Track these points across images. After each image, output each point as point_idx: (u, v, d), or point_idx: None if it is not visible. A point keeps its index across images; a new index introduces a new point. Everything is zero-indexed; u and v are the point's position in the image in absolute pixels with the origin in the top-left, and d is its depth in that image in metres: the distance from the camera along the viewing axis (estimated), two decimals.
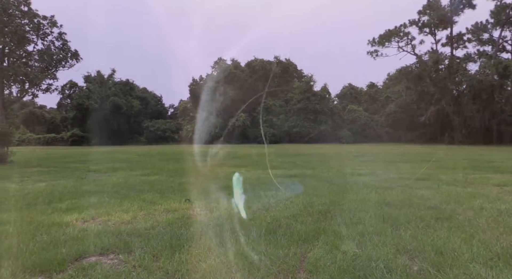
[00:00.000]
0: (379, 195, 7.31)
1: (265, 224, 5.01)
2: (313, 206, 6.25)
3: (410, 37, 57.17)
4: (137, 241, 4.31)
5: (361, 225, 4.91)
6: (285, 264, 3.55)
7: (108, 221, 5.39)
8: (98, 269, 3.44)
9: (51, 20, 21.31)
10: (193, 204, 6.68)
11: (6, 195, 7.97)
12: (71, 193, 8.12)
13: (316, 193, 7.65)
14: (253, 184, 9.22)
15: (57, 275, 3.35)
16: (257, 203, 6.66)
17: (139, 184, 9.74)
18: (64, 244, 4.19)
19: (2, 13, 19.32)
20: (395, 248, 3.96)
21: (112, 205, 6.65)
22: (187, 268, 3.45)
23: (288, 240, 4.26)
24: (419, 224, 4.95)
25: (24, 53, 20.85)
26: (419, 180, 9.78)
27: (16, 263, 3.55)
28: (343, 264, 3.51)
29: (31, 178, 11.66)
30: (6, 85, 20.49)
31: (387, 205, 6.32)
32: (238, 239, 4.29)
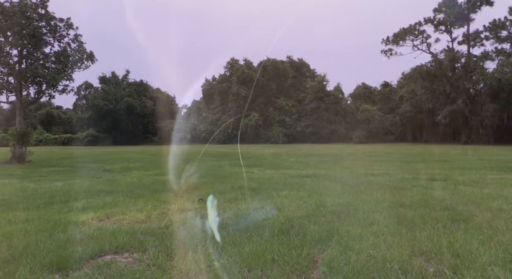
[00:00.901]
0: (393, 196, 7.21)
1: (278, 224, 4.99)
2: (326, 207, 6.20)
3: (425, 36, 56.27)
4: (151, 240, 4.35)
5: (375, 226, 4.85)
6: (298, 264, 3.53)
7: (122, 220, 5.46)
8: (113, 267, 3.49)
9: (67, 22, 21.72)
10: (206, 204, 6.70)
11: (25, 194, 8.15)
12: (86, 193, 8.25)
13: (329, 193, 7.59)
14: (266, 184, 9.21)
15: (73, 273, 3.40)
16: (270, 203, 6.65)
17: (153, 183, 9.84)
18: (80, 243, 4.26)
19: (20, 16, 19.77)
20: (410, 249, 3.90)
21: (126, 204, 6.74)
22: (201, 267, 3.47)
23: (301, 241, 4.23)
24: (435, 225, 4.86)
25: (41, 55, 21.27)
26: (435, 181, 9.62)
27: (34, 261, 3.63)
28: (357, 265, 3.47)
29: (48, 177, 11.90)
30: (24, 86, 20.95)
31: (402, 206, 6.23)
32: (251, 239, 4.29)
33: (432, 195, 7.30)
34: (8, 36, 20.05)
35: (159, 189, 8.61)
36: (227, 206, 6.39)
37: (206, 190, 8.42)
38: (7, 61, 20.25)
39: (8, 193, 8.27)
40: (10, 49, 20.28)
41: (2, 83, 20.43)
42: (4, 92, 20.98)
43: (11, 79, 20.67)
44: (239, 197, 7.33)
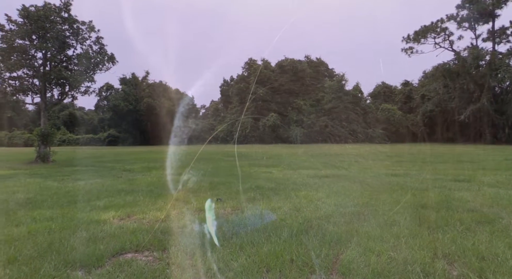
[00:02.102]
0: (414, 197, 7.06)
1: (296, 224, 4.97)
2: (345, 207, 6.13)
3: (447, 33, 54.83)
4: (171, 239, 4.40)
5: (395, 227, 4.76)
6: (317, 265, 3.50)
7: (143, 219, 5.54)
8: (134, 265, 3.54)
9: (89, 25, 22.25)
10: (225, 203, 6.74)
11: (49, 193, 8.38)
12: (108, 192, 8.42)
13: (348, 194, 7.51)
14: (284, 184, 9.19)
15: (95, 271, 3.48)
16: (288, 203, 6.62)
17: (172, 183, 9.95)
18: (102, 241, 4.35)
19: (45, 19, 20.38)
20: (433, 251, 3.81)
21: (146, 203, 6.84)
22: (219, 266, 3.48)
23: (319, 241, 4.20)
24: (459, 227, 4.73)
25: (65, 57, 21.87)
26: (458, 182, 9.37)
27: (58, 258, 3.73)
28: (377, 267, 3.41)
29: (71, 176, 12.21)
30: (48, 88, 21.58)
31: (424, 207, 6.09)
32: (269, 239, 4.28)
33: (455, 197, 7.11)
34: (33, 39, 20.70)
35: (179, 189, 8.70)
36: (245, 206, 6.40)
37: (224, 190, 8.45)
38: (32, 63, 20.91)
39: (34, 192, 8.53)
40: (35, 52, 20.93)
41: (27, 85, 21.10)
42: (29, 94, 21.68)
43: (36, 81, 21.33)
44: (257, 197, 7.33)
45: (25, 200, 7.40)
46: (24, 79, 21.02)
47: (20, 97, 22.43)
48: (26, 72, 21.03)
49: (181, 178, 11.30)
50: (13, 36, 20.11)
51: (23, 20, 20.45)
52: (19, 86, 20.98)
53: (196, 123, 79.71)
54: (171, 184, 9.66)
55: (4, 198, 7.68)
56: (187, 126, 76.34)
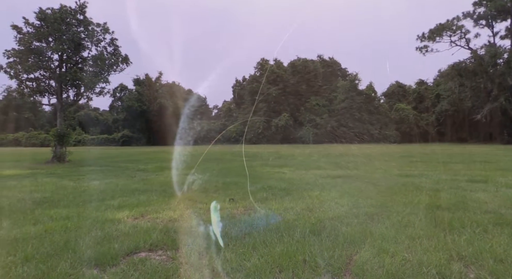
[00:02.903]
0: (430, 198, 6.95)
1: (309, 224, 4.94)
2: (358, 208, 6.07)
3: (464, 31, 53.85)
4: (184, 238, 4.43)
5: (410, 229, 4.69)
6: (330, 266, 3.47)
7: (156, 219, 5.59)
8: (148, 264, 3.58)
9: (104, 27, 22.58)
10: (237, 203, 6.75)
11: (65, 192, 8.53)
12: (122, 191, 8.53)
13: (362, 195, 7.43)
14: (296, 185, 9.16)
15: (110, 269, 3.52)
16: (300, 203, 6.60)
17: (185, 183, 10.01)
18: (116, 240, 4.41)
19: (61, 22, 20.77)
20: (449, 253, 3.74)
21: (160, 203, 6.90)
22: (232, 266, 3.49)
23: (333, 242, 4.16)
24: (475, 229, 4.64)
25: (80, 59, 22.24)
26: (475, 183, 9.18)
27: (74, 256, 3.79)
28: (391, 268, 3.37)
29: (86, 176, 12.41)
30: (64, 89, 21.98)
31: (439, 208, 5.99)
32: (282, 239, 4.27)
33: (471, 197, 6.98)
34: (50, 41, 21.11)
35: (191, 189, 8.75)
36: (257, 206, 6.40)
37: (236, 190, 8.47)
38: (48, 65, 21.33)
39: (50, 191, 8.69)
40: (52, 54, 21.35)
41: (44, 87, 21.53)
42: (46, 95, 22.12)
43: (52, 83, 21.74)
44: (269, 197, 7.33)
45: (42, 199, 7.55)
46: (41, 80, 21.45)
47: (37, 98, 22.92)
48: (42, 73, 21.45)
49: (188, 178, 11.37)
50: (30, 38, 20.55)
51: (40, 22, 20.89)
52: (36, 88, 21.41)
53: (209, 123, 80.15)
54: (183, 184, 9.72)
55: (22, 197, 7.85)
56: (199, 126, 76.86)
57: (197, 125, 76.75)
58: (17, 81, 21.11)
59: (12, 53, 20.32)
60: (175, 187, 9.12)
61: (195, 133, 75.49)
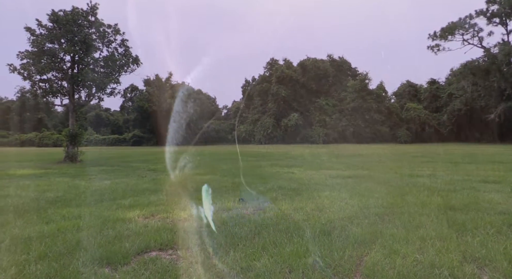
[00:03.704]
0: (442, 198, 6.86)
1: (319, 225, 4.92)
2: (369, 208, 6.02)
3: (476, 29, 52.96)
4: (194, 238, 4.45)
5: (422, 229, 4.63)
6: (341, 267, 3.45)
7: (166, 218, 5.63)
8: (159, 263, 3.60)
9: (114, 28, 22.81)
10: (247, 203, 6.76)
11: (77, 192, 8.65)
12: (133, 191, 8.61)
13: (373, 195, 7.37)
14: (306, 185, 9.13)
15: (121, 268, 3.56)
16: (310, 203, 6.57)
17: (195, 183, 10.06)
18: (127, 239, 4.45)
19: (73, 23, 21.06)
20: (461, 255, 3.68)
21: (170, 203, 6.94)
22: (242, 266, 3.49)
23: (343, 242, 4.14)
24: (489, 230, 4.56)
25: (91, 60, 22.50)
26: (488, 183, 9.04)
27: (86, 255, 3.84)
28: (402, 269, 3.33)
29: (98, 176, 12.56)
30: (76, 90, 22.27)
31: (451, 209, 5.91)
32: (292, 240, 4.26)
33: (484, 198, 6.86)
34: (62, 43, 21.41)
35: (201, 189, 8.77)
36: (267, 207, 6.40)
37: (246, 190, 8.48)
38: (61, 66, 21.63)
39: (63, 191, 8.82)
40: (64, 55, 21.64)
41: (56, 88, 21.83)
42: (58, 96, 22.43)
43: (64, 84, 22.04)
44: (279, 197, 7.32)
45: (54, 198, 7.66)
46: (53, 81, 21.75)
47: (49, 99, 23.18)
48: (55, 74, 21.75)
49: (204, 178, 11.41)
50: (43, 40, 20.86)
51: (53, 24, 21.20)
52: (49, 88, 21.71)
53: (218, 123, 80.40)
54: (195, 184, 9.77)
55: (35, 196, 7.98)
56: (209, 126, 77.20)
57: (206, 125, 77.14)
58: (31, 82, 21.45)
59: (26, 54, 20.66)
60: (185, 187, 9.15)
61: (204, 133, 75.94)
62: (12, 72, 20.62)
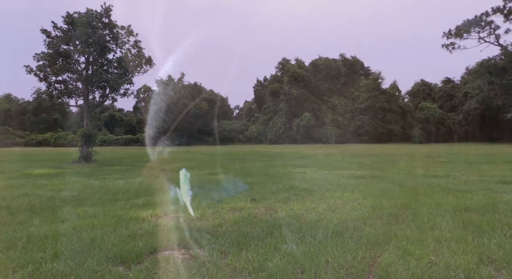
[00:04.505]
0: (457, 199, 6.74)
1: (331, 225, 4.89)
2: (382, 209, 5.96)
3: (493, 27, 51.72)
4: (206, 238, 4.47)
5: (437, 231, 4.56)
6: (354, 268, 3.42)
7: (179, 218, 5.67)
8: (171, 262, 3.63)
9: (128, 29, 23.06)
10: (259, 203, 6.76)
11: (92, 191, 8.78)
12: (146, 191, 8.69)
13: (386, 195, 7.29)
14: (318, 185, 9.08)
15: (135, 266, 3.59)
16: (322, 204, 6.53)
17: (207, 183, 10.11)
18: (141, 238, 4.49)
19: (87, 25, 21.37)
20: (478, 257, 3.61)
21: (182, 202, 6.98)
22: (254, 266, 3.49)
23: (356, 243, 4.10)
24: (507, 232, 4.46)
25: (105, 61, 22.78)
26: (505, 184, 8.84)
27: (100, 253, 3.89)
28: (417, 271, 3.29)
29: (112, 176, 12.71)
30: (90, 91, 22.59)
31: (467, 210, 5.80)
32: (304, 240, 4.24)
33: (502, 199, 6.72)
34: (77, 44, 21.76)
35: (213, 189, 8.83)
36: (278, 207, 6.38)
37: (258, 189, 8.47)
38: (75, 68, 21.98)
39: (78, 190, 8.96)
40: (78, 57, 21.99)
41: (71, 89, 22.19)
42: (73, 97, 22.79)
43: (79, 85, 22.38)
44: (291, 197, 7.29)
45: (70, 197, 7.79)
46: (68, 82, 22.11)
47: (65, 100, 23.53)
48: (70, 76, 22.09)
49: (216, 178, 11.45)
50: (58, 42, 21.24)
51: (68, 26, 21.56)
52: (64, 89, 22.07)
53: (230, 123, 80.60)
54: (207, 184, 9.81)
55: (51, 195, 8.12)
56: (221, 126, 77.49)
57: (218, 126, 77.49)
58: (46, 84, 21.81)
59: (42, 56, 21.04)
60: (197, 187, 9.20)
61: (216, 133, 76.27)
62: (28, 74, 21.04)
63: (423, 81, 71.19)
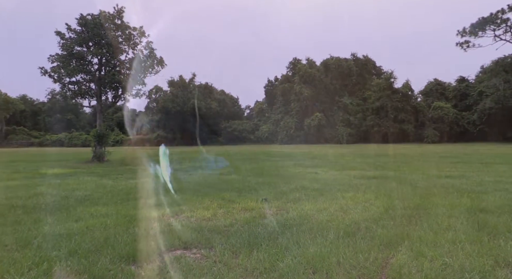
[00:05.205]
0: (472, 200, 6.62)
1: (343, 226, 4.85)
2: (395, 210, 5.89)
3: (509, 24, 50.69)
4: (217, 237, 4.48)
5: (451, 232, 4.49)
6: (366, 269, 3.39)
7: (190, 218, 5.70)
8: (183, 262, 3.65)
9: (140, 31, 23.32)
10: (270, 203, 6.75)
11: (104, 191, 8.89)
12: (157, 190, 8.75)
13: (398, 196, 7.21)
14: (330, 185, 9.02)
15: (147, 266, 3.62)
16: (334, 204, 6.49)
17: (218, 183, 10.14)
18: (153, 237, 4.53)
19: (100, 27, 21.67)
20: (494, 259, 3.54)
21: (193, 202, 7.02)
22: (265, 266, 3.48)
23: (368, 244, 4.06)
24: None
25: (118, 62, 23.06)
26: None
27: (113, 252, 3.93)
28: (430, 273, 3.24)
29: (124, 175, 12.85)
30: (103, 92, 22.90)
31: (482, 211, 5.69)
32: (315, 240, 4.22)
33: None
34: (90, 46, 22.08)
35: (224, 188, 8.85)
36: (290, 207, 6.36)
37: (269, 190, 8.46)
38: (89, 69, 22.32)
39: (91, 190, 9.08)
40: (91, 58, 22.32)
41: (85, 89, 22.53)
42: (86, 97, 23.15)
43: (92, 85, 22.72)
44: (302, 198, 7.27)
45: (83, 197, 7.90)
46: (82, 83, 22.46)
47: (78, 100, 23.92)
48: (83, 77, 22.45)
49: (226, 177, 11.48)
50: (72, 43, 21.59)
51: (81, 28, 21.90)
52: (78, 90, 22.42)
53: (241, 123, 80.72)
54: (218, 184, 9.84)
55: (65, 195, 8.25)
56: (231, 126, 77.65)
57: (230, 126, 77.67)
58: (60, 85, 22.18)
59: (56, 58, 21.42)
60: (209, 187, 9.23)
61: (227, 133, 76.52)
62: (43, 75, 21.44)
63: (437, 80, 70.05)
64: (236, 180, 10.74)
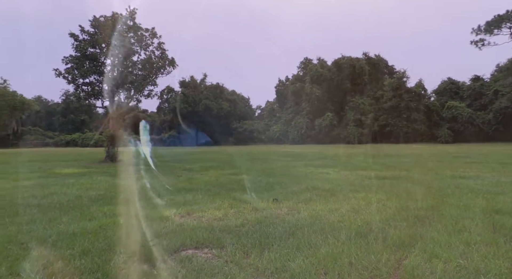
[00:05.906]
0: (487, 201, 6.49)
1: (355, 226, 4.81)
2: (408, 210, 5.81)
3: None
4: (229, 237, 4.49)
5: (466, 234, 4.41)
6: (378, 270, 3.35)
7: (202, 217, 5.72)
8: (194, 261, 3.66)
9: (152, 32, 23.51)
10: (281, 203, 6.73)
11: (117, 190, 8.99)
12: (169, 190, 8.82)
13: (411, 197, 7.11)
14: (341, 185, 8.96)
15: (159, 265, 3.65)
16: (346, 204, 6.44)
17: (229, 182, 10.16)
18: (164, 237, 4.56)
19: (112, 28, 21.93)
20: (510, 261, 3.47)
21: (205, 202, 7.05)
22: (276, 266, 3.48)
23: (380, 245, 4.02)
24: None
25: (130, 63, 23.29)
26: None
27: (126, 251, 3.97)
28: (444, 275, 3.19)
29: (136, 175, 12.98)
30: (115, 92, 23.16)
31: (498, 212, 5.58)
32: (327, 241, 4.19)
33: None
34: (103, 47, 22.37)
35: (235, 188, 8.86)
36: (301, 207, 6.34)
37: (280, 190, 8.45)
38: (102, 70, 22.61)
39: (104, 189, 9.19)
40: (104, 59, 22.60)
41: (98, 90, 22.83)
42: (100, 98, 23.45)
43: (105, 86, 22.99)
44: (313, 198, 7.23)
45: (96, 196, 8.01)
46: (95, 84, 22.77)
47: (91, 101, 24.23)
48: (96, 78, 22.75)
49: (238, 178, 11.50)
50: (85, 45, 21.91)
51: (94, 30, 22.22)
52: (91, 91, 22.74)
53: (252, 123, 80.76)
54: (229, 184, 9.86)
55: (79, 194, 8.38)
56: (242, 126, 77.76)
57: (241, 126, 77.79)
58: (74, 86, 22.53)
59: (70, 59, 21.77)
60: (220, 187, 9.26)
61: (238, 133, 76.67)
62: (57, 77, 21.80)
63: (450, 79, 68.99)
64: (247, 180, 10.74)
